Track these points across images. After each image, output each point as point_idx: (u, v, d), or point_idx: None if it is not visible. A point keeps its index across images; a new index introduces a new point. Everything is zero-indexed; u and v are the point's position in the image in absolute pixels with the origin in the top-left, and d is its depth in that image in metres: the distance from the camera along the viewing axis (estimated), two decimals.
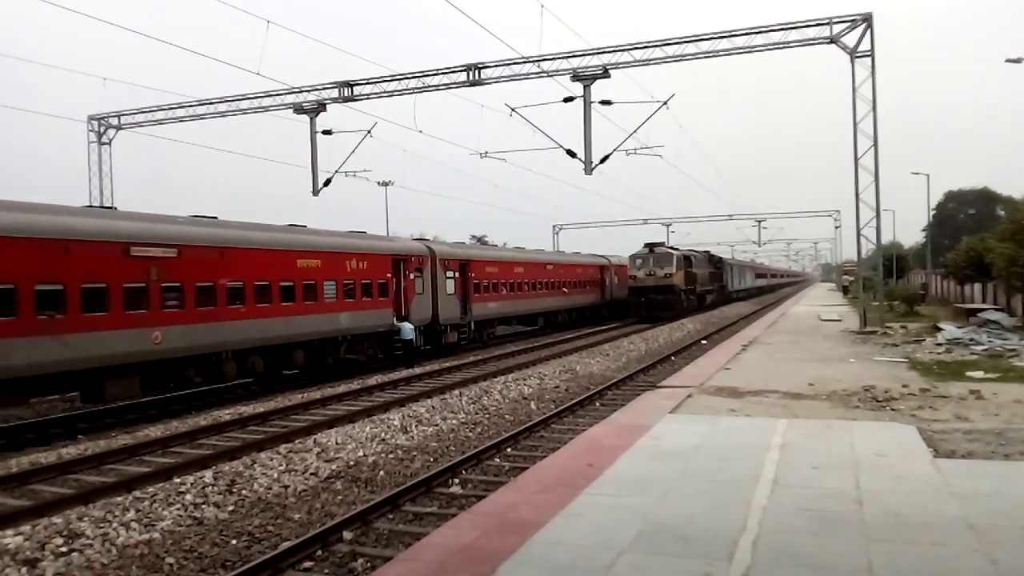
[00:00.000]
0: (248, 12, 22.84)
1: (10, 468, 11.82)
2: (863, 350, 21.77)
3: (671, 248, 47.50)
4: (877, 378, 15.52)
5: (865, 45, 25.79)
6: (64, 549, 8.11)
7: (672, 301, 43.64)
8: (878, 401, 12.97)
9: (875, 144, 26.50)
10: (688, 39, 26.86)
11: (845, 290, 73.57)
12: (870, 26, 25.64)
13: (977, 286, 37.76)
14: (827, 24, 25.84)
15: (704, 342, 30.67)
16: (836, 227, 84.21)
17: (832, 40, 25.84)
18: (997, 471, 8.39)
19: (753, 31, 26.36)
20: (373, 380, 20.93)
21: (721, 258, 63.87)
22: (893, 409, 12.26)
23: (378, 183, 56.08)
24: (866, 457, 8.97)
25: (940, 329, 25.85)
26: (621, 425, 11.51)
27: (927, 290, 53.47)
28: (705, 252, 59.98)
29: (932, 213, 66.63)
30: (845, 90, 26.56)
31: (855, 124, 26.66)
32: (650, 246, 46.10)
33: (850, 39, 25.87)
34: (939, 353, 20.37)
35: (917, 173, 52.91)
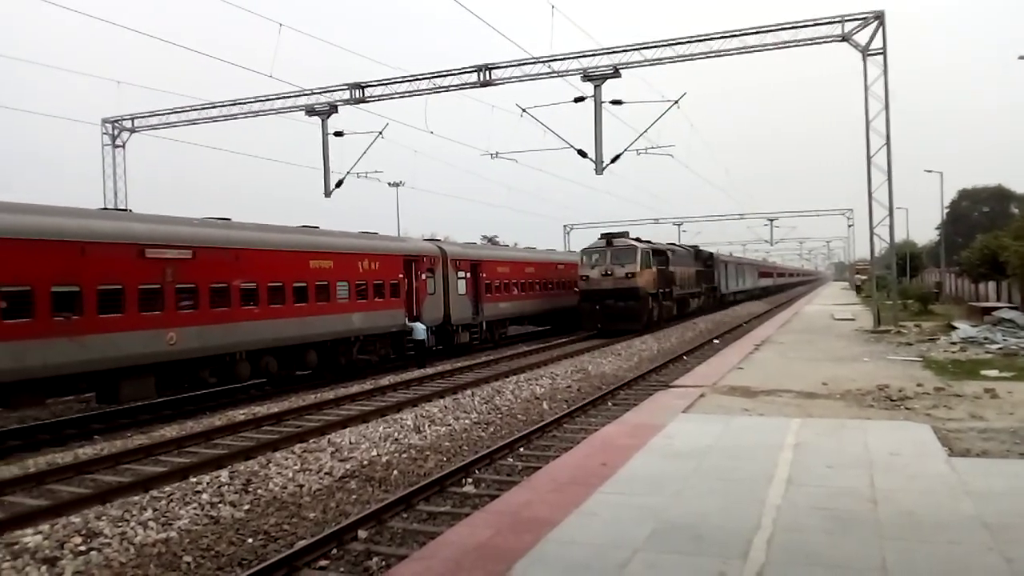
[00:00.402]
0: (260, 15, 23.02)
1: (27, 468, 11.95)
2: (877, 349, 21.67)
3: (636, 240, 36.72)
4: (891, 377, 15.46)
5: (877, 43, 25.65)
6: (83, 548, 8.20)
7: (635, 309, 33.77)
8: (892, 400, 12.92)
9: (888, 142, 26.36)
10: (699, 38, 26.80)
11: (858, 289, 73.22)
12: (882, 24, 25.49)
13: (991, 284, 37.51)
14: (839, 22, 25.71)
15: (716, 341, 30.62)
16: (849, 226, 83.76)
17: (844, 38, 25.70)
18: (1012, 470, 8.36)
19: (764, 29, 26.27)
20: (386, 380, 21.01)
21: (711, 254, 53.98)
22: (907, 408, 12.21)
23: (389, 184, 56.31)
24: (880, 456, 8.94)
25: (954, 328, 25.71)
26: (634, 425, 11.52)
27: (941, 289, 53.15)
28: (691, 247, 50.33)
29: (946, 211, 66.22)
30: (858, 88, 26.44)
31: (867, 122, 26.51)
32: (608, 237, 35.91)
33: (862, 37, 25.73)
34: (953, 352, 20.25)
35: (930, 171, 52.51)
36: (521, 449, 12.83)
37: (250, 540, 8.77)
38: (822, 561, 5.80)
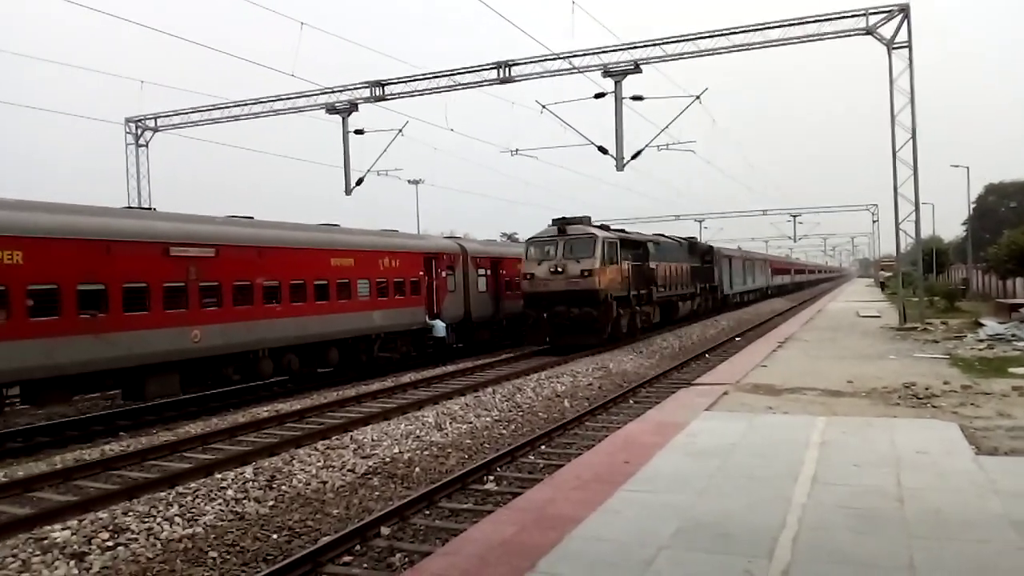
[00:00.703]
0: (282, 14, 23.17)
1: (55, 465, 12.11)
2: (903, 347, 21.41)
3: (598, 228, 27.85)
4: (918, 375, 15.27)
5: (902, 36, 25.37)
6: (110, 543, 8.30)
7: (593, 318, 25.21)
8: (919, 398, 12.76)
9: (913, 136, 26.04)
10: (721, 32, 26.60)
11: (883, 286, 72.50)
12: (907, 17, 25.18)
13: (1019, 280, 37.01)
14: (863, 15, 25.44)
15: (739, 339, 30.45)
16: (874, 221, 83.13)
17: (868, 31, 25.43)
18: None
19: (788, 23, 26.05)
20: (407, 378, 21.07)
21: (711, 247, 44.95)
22: (934, 406, 12.05)
23: (409, 181, 56.75)
24: (907, 454, 8.84)
25: (982, 325, 25.35)
26: (656, 422, 11.47)
27: (968, 285, 52.48)
28: (684, 239, 40.70)
29: (972, 206, 65.37)
30: (883, 82, 26.14)
31: (892, 116, 26.22)
32: (560, 223, 26.76)
33: (887, 30, 25.45)
34: (981, 349, 19.97)
35: (956, 166, 51.96)
36: (543, 447, 12.83)
37: (275, 536, 8.84)
38: (849, 560, 5.74)
